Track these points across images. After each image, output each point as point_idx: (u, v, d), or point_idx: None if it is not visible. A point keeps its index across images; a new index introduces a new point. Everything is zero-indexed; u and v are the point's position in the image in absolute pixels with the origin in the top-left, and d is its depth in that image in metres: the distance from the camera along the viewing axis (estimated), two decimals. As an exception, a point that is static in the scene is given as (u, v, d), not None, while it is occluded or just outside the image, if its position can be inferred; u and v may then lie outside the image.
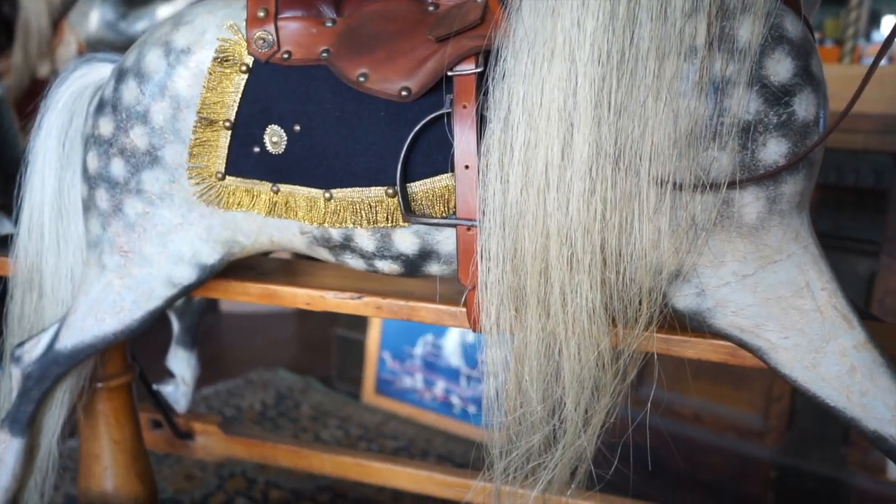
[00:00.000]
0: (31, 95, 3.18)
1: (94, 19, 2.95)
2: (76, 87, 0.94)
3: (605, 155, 0.62)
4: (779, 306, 0.65)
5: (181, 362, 1.26)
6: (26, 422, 0.96)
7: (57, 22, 2.92)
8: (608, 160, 0.62)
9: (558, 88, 0.63)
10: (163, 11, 2.96)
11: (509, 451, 0.72)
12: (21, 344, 0.96)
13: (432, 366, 2.38)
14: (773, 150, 0.62)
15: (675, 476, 1.97)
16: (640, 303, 0.65)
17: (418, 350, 2.39)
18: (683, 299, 0.68)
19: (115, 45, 2.97)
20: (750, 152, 0.62)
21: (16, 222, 0.97)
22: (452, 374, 2.33)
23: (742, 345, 0.68)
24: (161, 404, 1.27)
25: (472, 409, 2.30)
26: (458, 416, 2.31)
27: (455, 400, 2.32)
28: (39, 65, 2.98)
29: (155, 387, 1.27)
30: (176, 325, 1.27)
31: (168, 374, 1.30)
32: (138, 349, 1.19)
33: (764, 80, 0.62)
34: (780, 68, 0.62)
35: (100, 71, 0.94)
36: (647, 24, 0.61)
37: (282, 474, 2.04)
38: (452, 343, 2.31)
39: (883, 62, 1.81)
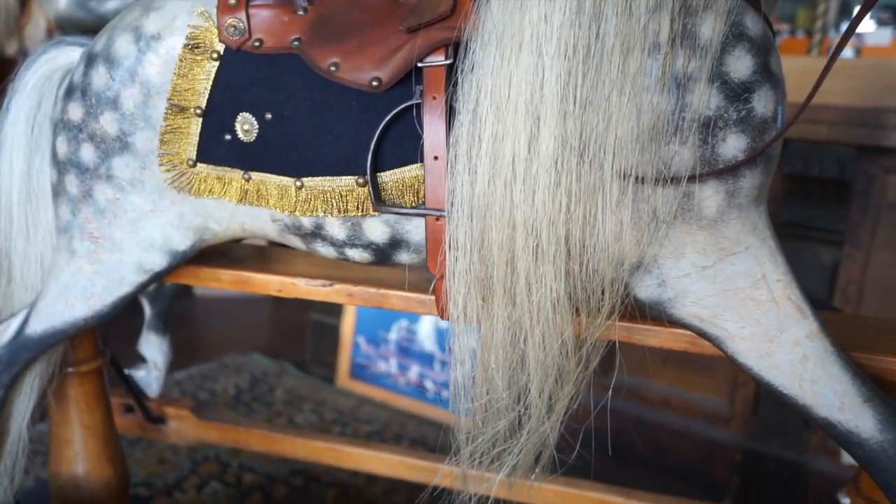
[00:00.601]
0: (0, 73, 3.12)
1: (63, -3, 2.89)
2: (45, 70, 0.93)
3: (570, 148, 0.63)
4: (736, 297, 0.68)
5: (153, 347, 1.26)
6: (-5, 407, 0.96)
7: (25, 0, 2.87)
8: (573, 153, 0.63)
9: (525, 82, 0.64)
10: (135, -9, 2.92)
11: (476, 436, 0.74)
12: (-10, 329, 0.95)
13: (406, 350, 2.40)
14: (733, 145, 0.64)
15: (643, 460, 2.02)
16: (602, 293, 0.67)
17: (392, 335, 2.40)
18: (645, 289, 0.70)
19: (86, 23, 2.92)
20: (710, 147, 0.64)
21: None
22: (426, 359, 2.35)
23: (701, 334, 0.71)
24: (133, 389, 1.27)
25: (445, 393, 2.31)
26: (431, 401, 2.33)
27: (429, 384, 2.35)
28: (7, 43, 2.92)
29: (127, 371, 1.27)
30: (148, 309, 1.27)
31: (140, 359, 1.31)
32: (109, 334, 1.19)
33: (724, 77, 0.64)
34: (740, 65, 0.64)
35: (69, 54, 0.93)
36: (613, 19, 0.63)
37: (255, 458, 2.05)
38: (426, 328, 2.33)
39: (850, 55, 1.84)
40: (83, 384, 1.10)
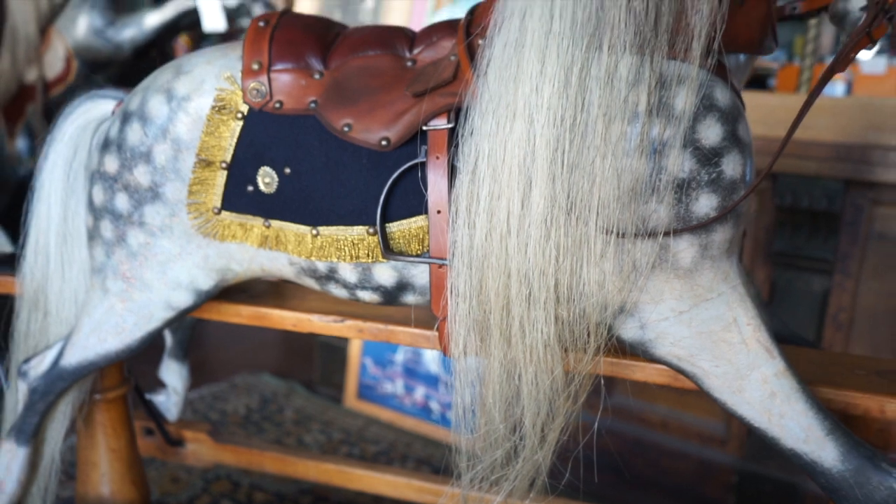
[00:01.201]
0: (19, 100, 3.24)
1: (81, 26, 3.00)
2: (81, 122, 1.02)
3: (558, 206, 0.71)
4: (710, 339, 0.75)
5: (173, 374, 1.34)
6: (31, 432, 1.04)
7: (45, 28, 2.97)
8: (561, 211, 0.71)
9: (519, 147, 0.72)
10: (150, 19, 3.02)
11: (475, 463, 0.81)
12: (27, 360, 1.04)
13: (412, 372, 2.47)
14: (705, 204, 0.72)
15: (643, 480, 2.08)
16: (588, 335, 0.75)
17: (399, 357, 2.47)
18: (627, 331, 0.77)
19: (103, 52, 3.03)
20: (684, 205, 0.72)
21: (22, 246, 1.05)
22: (432, 381, 2.42)
23: (679, 371, 0.78)
24: (153, 413, 1.35)
25: (450, 414, 2.38)
26: (436, 421, 2.40)
27: (434, 405, 2.41)
28: (27, 70, 3.03)
29: (147, 396, 1.35)
30: (169, 339, 1.35)
31: (159, 384, 1.39)
32: (131, 359, 1.27)
33: (697, 143, 0.72)
34: (711, 133, 0.72)
35: (101, 107, 1.02)
36: (596, 91, 0.71)
37: (266, 478, 2.11)
38: (432, 351, 2.40)
39: (841, 88, 1.90)
40: (110, 410, 1.18)
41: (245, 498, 2.02)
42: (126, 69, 3.29)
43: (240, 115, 0.86)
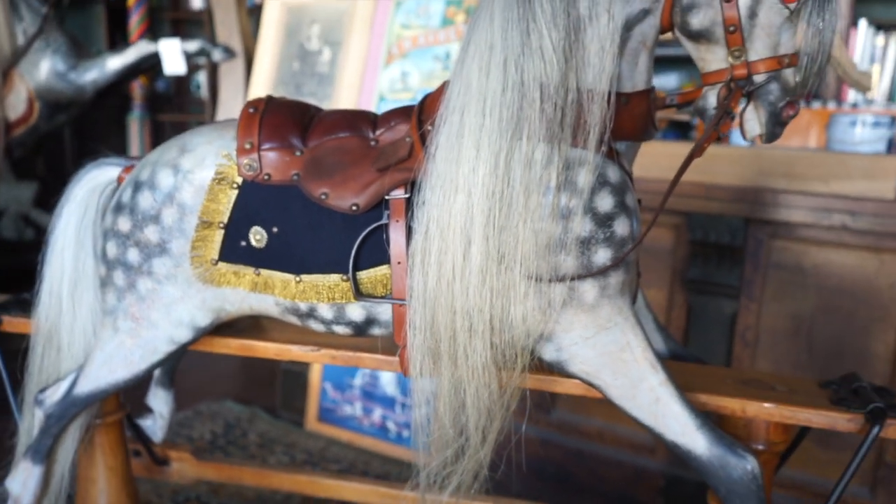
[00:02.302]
0: (-18, 139, 3.32)
1: (44, 69, 3.13)
2: (90, 186, 1.21)
3: (491, 259, 0.94)
4: (610, 358, 0.99)
5: (160, 400, 1.52)
6: (45, 453, 1.22)
7: (7, 71, 3.09)
8: (493, 262, 0.94)
9: (460, 214, 0.95)
10: (112, 63, 3.18)
11: (430, 461, 1.03)
12: (43, 390, 1.22)
13: (370, 395, 2.67)
14: (602, 256, 0.96)
15: (583, 486, 2.32)
16: (516, 357, 0.98)
17: (357, 381, 2.67)
18: (547, 354, 1.01)
19: (65, 94, 3.18)
20: (587, 257, 0.96)
21: (37, 292, 1.23)
22: (388, 402, 2.62)
23: (588, 384, 1.02)
24: (141, 436, 1.53)
25: (406, 433, 2.59)
26: (393, 440, 2.60)
27: (391, 425, 2.62)
28: (-10, 111, 3.13)
29: (136, 421, 1.53)
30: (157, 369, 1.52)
31: (146, 409, 1.56)
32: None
33: (594, 210, 0.96)
34: (605, 202, 0.96)
35: (107, 173, 1.22)
36: (518, 171, 0.94)
37: (233, 498, 2.28)
38: (388, 374, 2.60)
39: (745, 143, 2.19)
40: (108, 433, 1.37)
41: (216, 517, 2.18)
42: (87, 109, 3.44)
43: (235, 185, 1.07)
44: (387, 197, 1.02)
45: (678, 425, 0.98)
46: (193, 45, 3.11)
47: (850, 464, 1.00)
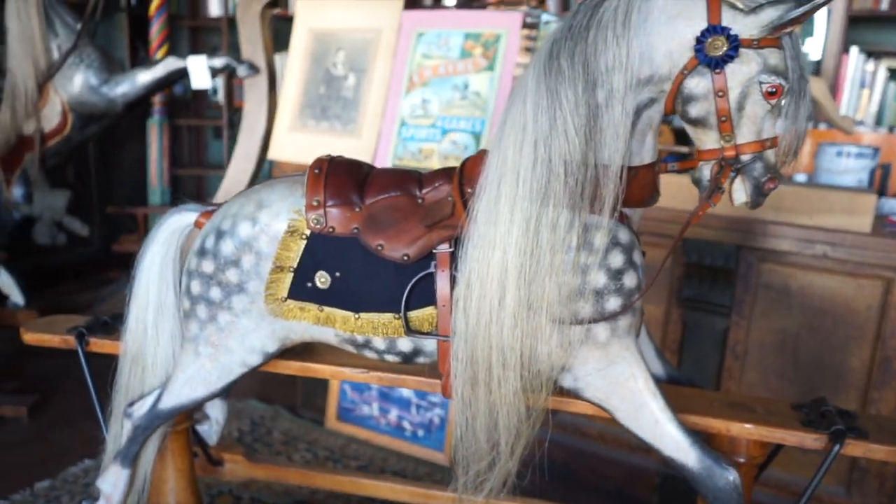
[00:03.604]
0: (17, 150, 3.58)
1: (77, 83, 3.33)
2: (172, 228, 1.43)
3: (522, 305, 1.16)
4: (618, 387, 1.21)
5: (216, 408, 1.74)
6: (132, 458, 1.44)
7: (42, 84, 3.28)
8: (524, 308, 1.16)
9: (497, 267, 1.16)
10: (142, 77, 3.38)
11: (467, 471, 1.25)
12: (131, 404, 1.43)
13: (387, 396, 2.89)
14: (613, 303, 1.18)
15: (584, 483, 2.54)
16: (542, 385, 1.20)
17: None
18: (566, 382, 1.23)
19: (98, 106, 3.37)
20: (600, 305, 1.17)
21: (125, 319, 1.44)
22: (404, 404, 2.84)
23: (599, 407, 1.24)
24: (199, 439, 1.75)
25: (421, 432, 2.81)
26: (408, 439, 2.83)
27: (406, 425, 2.84)
28: (26, 123, 3.34)
29: (195, 426, 1.74)
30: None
31: (204, 416, 1.78)
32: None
33: (607, 266, 1.17)
34: (616, 260, 1.17)
35: (187, 217, 1.43)
36: (545, 234, 1.15)
37: (263, 491, 2.50)
38: (406, 378, 2.81)
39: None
40: (177, 439, 1.58)
41: (248, 509, 2.40)
42: (117, 121, 3.64)
43: (304, 236, 1.28)
44: (434, 250, 1.23)
45: (673, 443, 1.20)
46: (220, 62, 3.30)
47: (814, 476, 1.22)
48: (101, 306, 3.49)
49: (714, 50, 1.10)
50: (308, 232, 1.29)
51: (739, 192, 1.18)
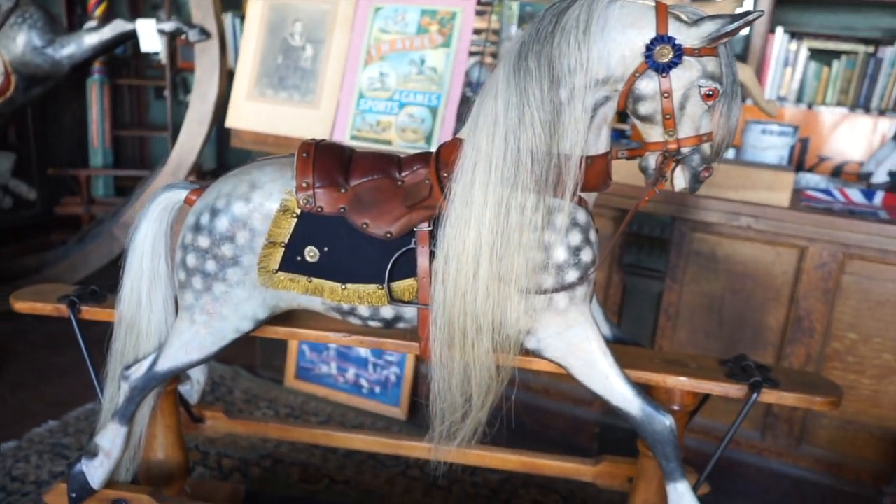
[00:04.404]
0: (-44, 110, 3.50)
1: (20, 43, 3.29)
2: (164, 205, 1.54)
3: (493, 277, 1.33)
4: (575, 348, 1.41)
5: (198, 370, 1.87)
6: (129, 417, 1.57)
7: (-18, 45, 3.22)
8: (495, 280, 1.33)
9: (472, 245, 1.33)
10: (90, 39, 3.36)
11: (443, 422, 1.43)
12: (127, 367, 1.56)
13: (345, 356, 3.05)
14: (572, 275, 1.36)
15: (530, 433, 2.78)
16: (509, 347, 1.38)
17: (333, 343, 3.03)
18: (530, 344, 1.42)
19: (42, 68, 3.34)
20: (561, 277, 1.36)
21: (120, 288, 1.55)
22: (362, 362, 3.01)
23: (558, 365, 1.44)
24: (181, 398, 1.88)
25: (377, 389, 2.99)
26: (366, 396, 3.00)
27: (364, 383, 3.01)
28: (-33, 84, 3.28)
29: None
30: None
31: (185, 377, 1.91)
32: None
33: (567, 244, 1.35)
34: (575, 238, 1.36)
35: (179, 194, 1.54)
36: (515, 214, 1.32)
37: (229, 446, 2.65)
38: (364, 339, 2.97)
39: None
40: (166, 399, 1.72)
41: (215, 464, 2.54)
42: (62, 82, 3.62)
43: (295, 215, 1.42)
44: (414, 228, 1.39)
45: (620, 395, 1.42)
46: (169, 26, 3.31)
47: (735, 421, 1.46)
48: (50, 270, 3.51)
49: (661, 57, 1.28)
50: (298, 211, 1.42)
51: (679, 179, 1.38)
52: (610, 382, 1.42)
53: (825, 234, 2.20)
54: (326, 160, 1.45)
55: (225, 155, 4.96)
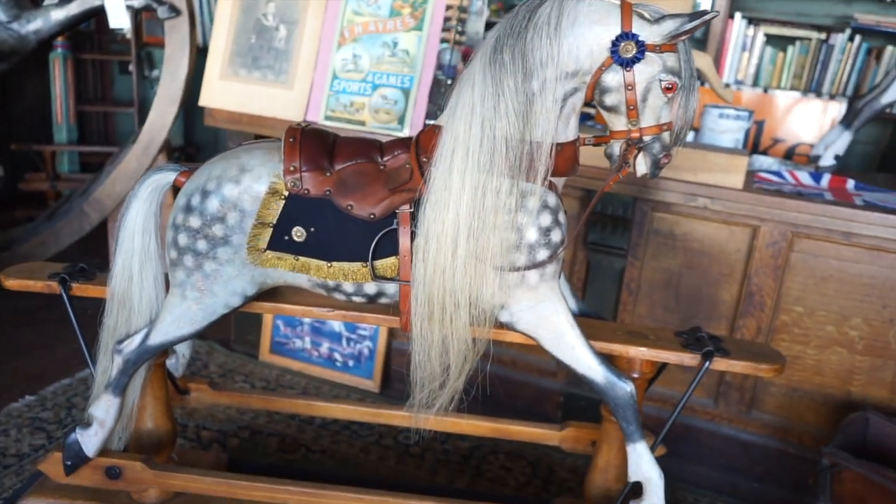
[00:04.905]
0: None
1: (-14, 18, 3.26)
2: (153, 186, 1.61)
3: (470, 256, 1.44)
4: (544, 321, 1.53)
5: (183, 344, 1.95)
6: (122, 388, 1.65)
7: (-54, 19, 3.20)
8: (472, 258, 1.45)
9: (450, 226, 1.43)
10: (57, 14, 3.36)
11: (423, 391, 1.55)
12: (120, 341, 1.64)
13: (318, 330, 3.14)
14: (543, 254, 1.48)
15: (498, 403, 2.91)
16: (485, 320, 1.50)
17: (307, 318, 3.12)
18: (503, 317, 1.54)
19: (8, 42, 3.33)
20: (532, 255, 1.48)
21: (113, 266, 1.62)
22: (335, 337, 3.11)
23: (529, 337, 1.56)
24: (167, 372, 1.96)
25: (351, 363, 3.10)
26: (340, 369, 3.11)
27: (338, 356, 3.11)
28: (-71, 59, 3.25)
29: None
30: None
31: (171, 351, 1.98)
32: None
33: (539, 224, 1.47)
34: (545, 220, 1.47)
35: (168, 176, 1.62)
36: (490, 197, 1.43)
37: (207, 418, 2.73)
38: (338, 314, 3.07)
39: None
40: (155, 371, 1.80)
41: (194, 435, 2.63)
42: (28, 58, 3.61)
43: (283, 197, 1.50)
44: (396, 210, 1.49)
45: (585, 364, 1.55)
46: (138, 1, 3.32)
47: (689, 385, 1.60)
48: (19, 247, 3.52)
49: (626, 52, 1.39)
50: (286, 193, 1.51)
51: (641, 165, 1.50)
52: (576, 353, 1.54)
53: (776, 214, 2.36)
54: (312, 145, 1.54)
55: (192, 132, 4.96)
